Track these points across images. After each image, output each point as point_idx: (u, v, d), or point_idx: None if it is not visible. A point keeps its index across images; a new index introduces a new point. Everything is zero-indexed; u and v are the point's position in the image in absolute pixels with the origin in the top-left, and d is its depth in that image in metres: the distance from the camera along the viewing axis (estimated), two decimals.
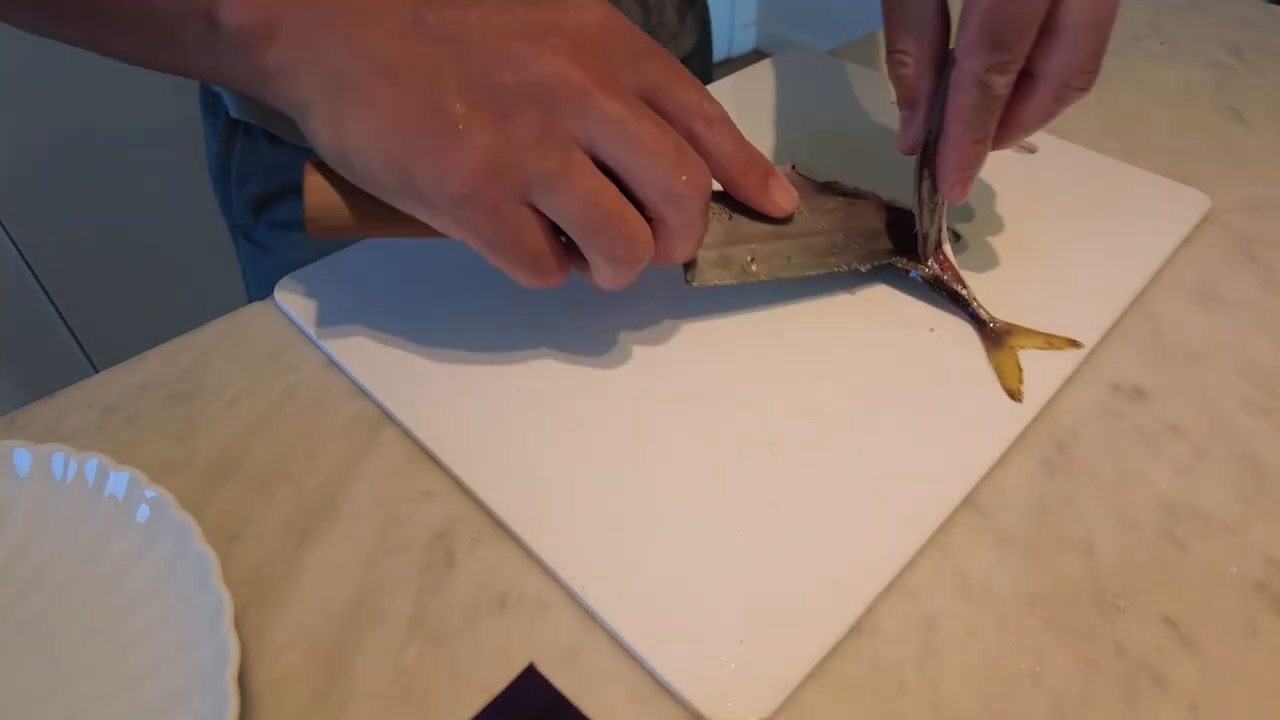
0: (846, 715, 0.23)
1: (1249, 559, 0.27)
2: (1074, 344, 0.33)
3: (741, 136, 0.30)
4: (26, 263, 1.07)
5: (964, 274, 0.35)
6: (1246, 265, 0.39)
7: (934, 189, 0.34)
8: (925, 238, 0.35)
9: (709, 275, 0.32)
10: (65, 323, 1.14)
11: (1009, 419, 0.30)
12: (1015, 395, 0.31)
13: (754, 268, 0.33)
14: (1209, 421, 0.31)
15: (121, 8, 0.28)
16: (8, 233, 1.03)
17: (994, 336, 0.33)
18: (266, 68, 0.26)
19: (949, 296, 0.35)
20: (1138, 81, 0.53)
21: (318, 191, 0.29)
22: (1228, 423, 0.31)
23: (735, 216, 0.32)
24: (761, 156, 0.31)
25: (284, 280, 0.37)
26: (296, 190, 0.52)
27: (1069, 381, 0.32)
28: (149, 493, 0.26)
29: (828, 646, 0.24)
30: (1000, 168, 0.41)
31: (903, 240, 0.36)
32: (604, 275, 0.28)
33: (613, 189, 0.27)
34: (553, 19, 0.27)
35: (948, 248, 0.36)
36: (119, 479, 0.27)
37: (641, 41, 0.28)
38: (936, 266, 0.35)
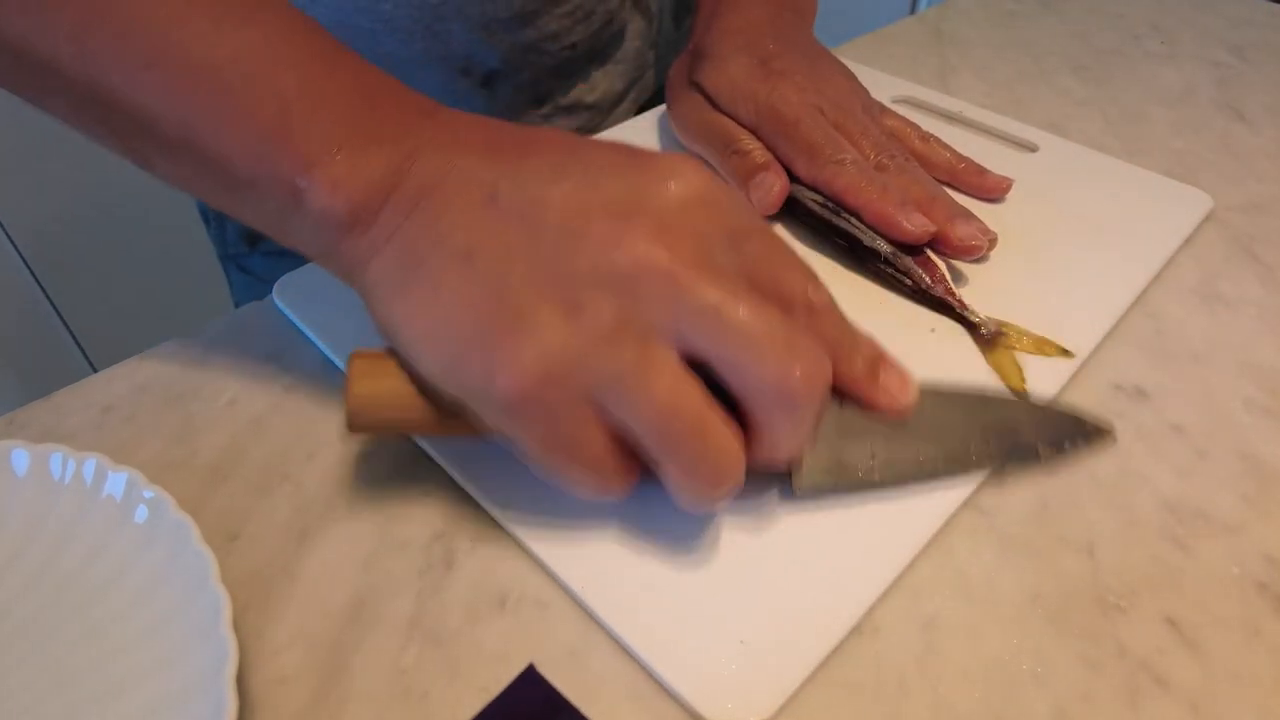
0: (847, 716, 0.23)
1: (1251, 559, 0.27)
2: (1065, 353, 0.33)
3: (847, 323, 0.26)
4: (25, 263, 1.07)
5: (951, 277, 0.35)
6: (1248, 265, 0.38)
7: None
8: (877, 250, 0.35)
9: (819, 478, 0.27)
10: (64, 322, 1.14)
11: None
12: (1021, 396, 0.31)
13: (875, 473, 0.27)
14: (1211, 421, 0.31)
15: (188, 144, 0.24)
16: (6, 233, 1.03)
17: (986, 339, 0.33)
18: (342, 252, 0.25)
19: (935, 304, 0.35)
20: (1139, 81, 0.53)
21: (362, 384, 0.25)
22: (1229, 423, 0.31)
23: (846, 405, 0.27)
24: (871, 342, 0.27)
25: (283, 280, 0.37)
26: None
27: (1071, 382, 0.32)
28: (147, 493, 0.26)
29: (829, 647, 0.24)
30: (1001, 167, 0.41)
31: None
32: (684, 495, 0.24)
33: (699, 393, 0.23)
34: (644, 194, 0.23)
35: (932, 254, 0.36)
36: (117, 479, 0.27)
37: (745, 218, 0.25)
38: (924, 274, 0.35)
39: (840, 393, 0.26)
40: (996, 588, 0.26)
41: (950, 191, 0.39)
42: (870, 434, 0.27)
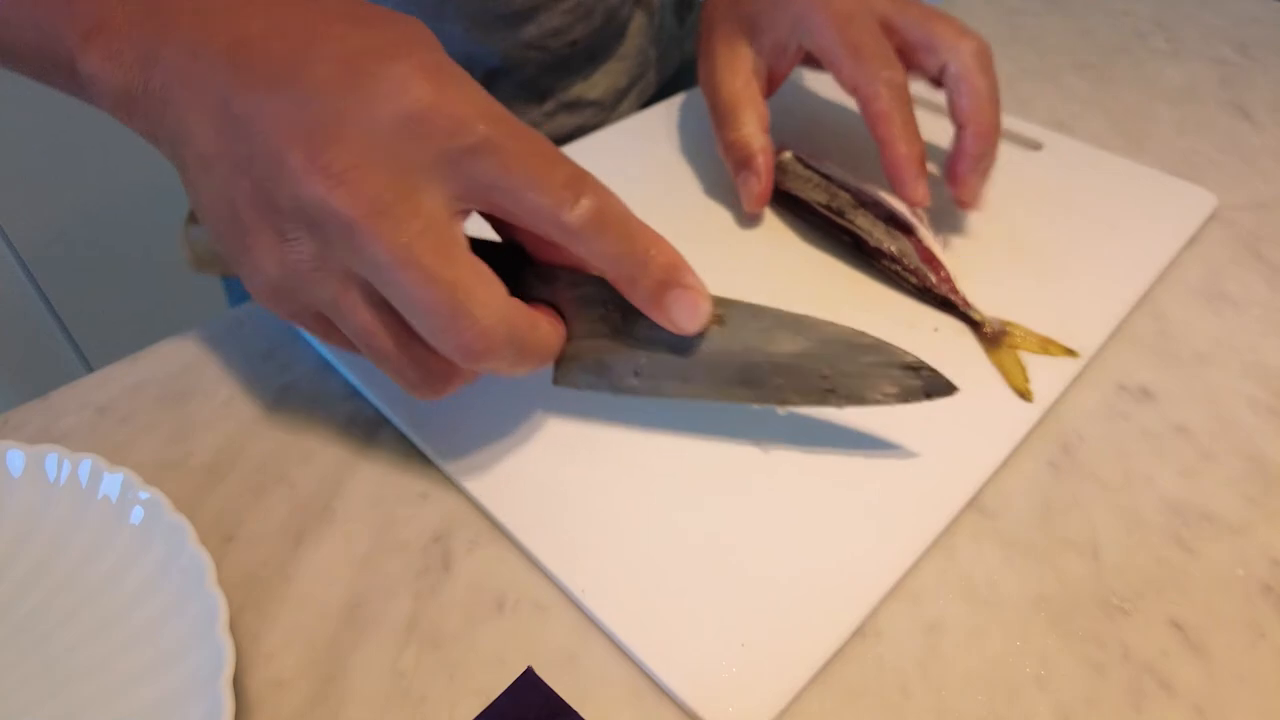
0: (849, 719, 0.23)
1: (1255, 561, 0.27)
2: (1070, 352, 0.32)
3: (624, 235, 0.25)
4: (21, 262, 1.06)
5: (955, 275, 0.35)
6: (1253, 264, 0.38)
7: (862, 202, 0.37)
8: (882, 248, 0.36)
9: (578, 378, 0.27)
10: (60, 322, 1.14)
11: (1014, 420, 0.30)
12: (1025, 395, 0.31)
13: (635, 381, 0.27)
14: (1215, 422, 0.31)
15: None
16: (2, 233, 1.03)
17: (989, 338, 0.33)
18: (136, 129, 0.26)
19: (939, 302, 0.34)
20: (1143, 79, 0.53)
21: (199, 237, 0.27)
22: (1234, 423, 0.31)
23: (631, 317, 0.26)
24: (653, 264, 0.25)
25: None
26: None
27: (1074, 382, 0.32)
28: (143, 494, 0.26)
29: (831, 650, 0.24)
30: (1005, 166, 0.41)
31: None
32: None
33: (390, 328, 0.24)
34: (349, 118, 0.23)
35: (936, 249, 0.35)
36: (113, 480, 0.26)
37: (471, 133, 0.23)
38: (929, 273, 0.35)
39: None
40: (999, 590, 0.26)
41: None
42: (646, 346, 0.27)
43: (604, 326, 0.27)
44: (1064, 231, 0.38)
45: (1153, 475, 0.29)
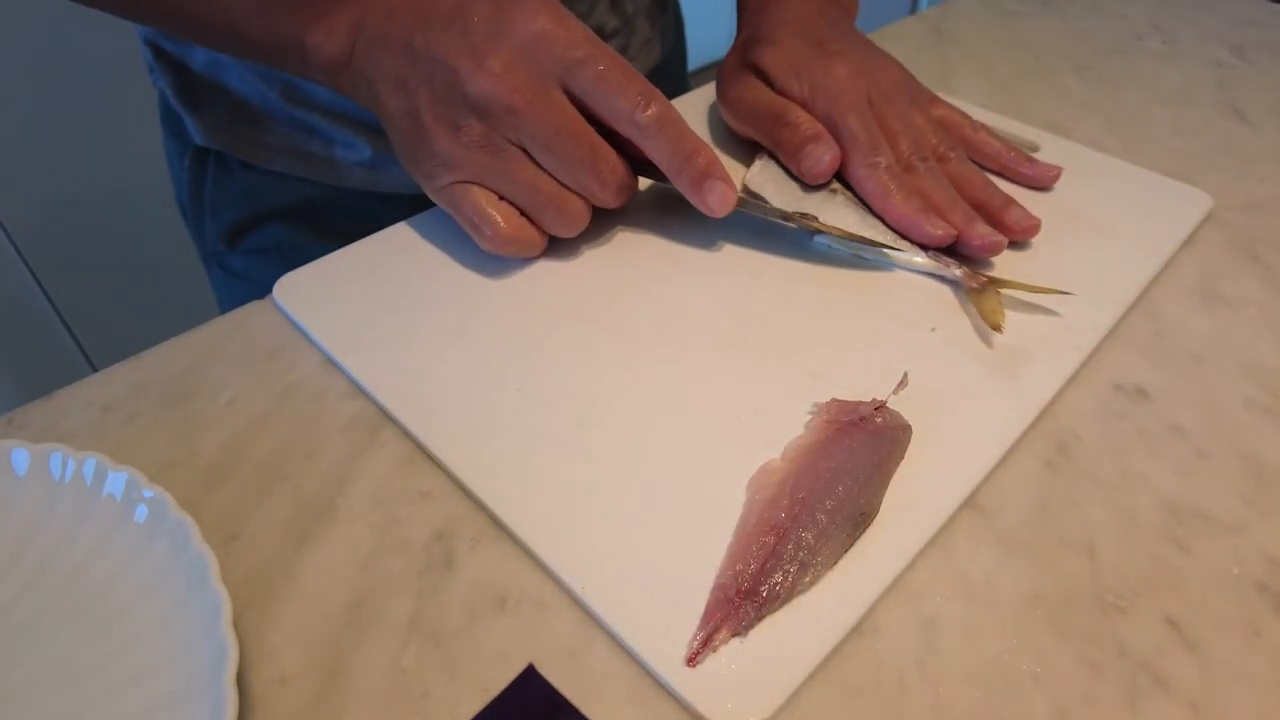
0: (847, 716, 0.23)
1: (1251, 560, 0.27)
2: (1062, 292, 0.34)
3: (679, 136, 0.34)
4: (25, 262, 1.07)
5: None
6: (1249, 265, 0.38)
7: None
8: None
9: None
10: (64, 322, 1.14)
11: (1010, 419, 0.30)
12: (997, 328, 0.33)
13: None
14: (1211, 422, 0.31)
15: (224, 32, 0.37)
16: (6, 232, 1.03)
17: (976, 291, 0.35)
18: (339, 84, 0.37)
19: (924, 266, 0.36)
20: (1140, 80, 0.53)
21: None
22: (1230, 423, 0.31)
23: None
24: (698, 158, 0.35)
25: (283, 279, 0.37)
26: (276, 215, 0.52)
27: (1071, 381, 0.32)
28: (147, 493, 0.26)
29: (829, 647, 0.24)
30: None
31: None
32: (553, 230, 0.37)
33: (542, 175, 0.34)
34: (500, 33, 0.33)
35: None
36: (117, 479, 0.27)
37: (579, 50, 0.33)
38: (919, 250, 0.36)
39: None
40: (996, 588, 0.26)
41: (1000, 181, 0.41)
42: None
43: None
44: (1060, 232, 0.39)
45: (1149, 474, 0.29)
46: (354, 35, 0.35)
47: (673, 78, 0.61)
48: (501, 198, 0.35)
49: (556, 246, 0.38)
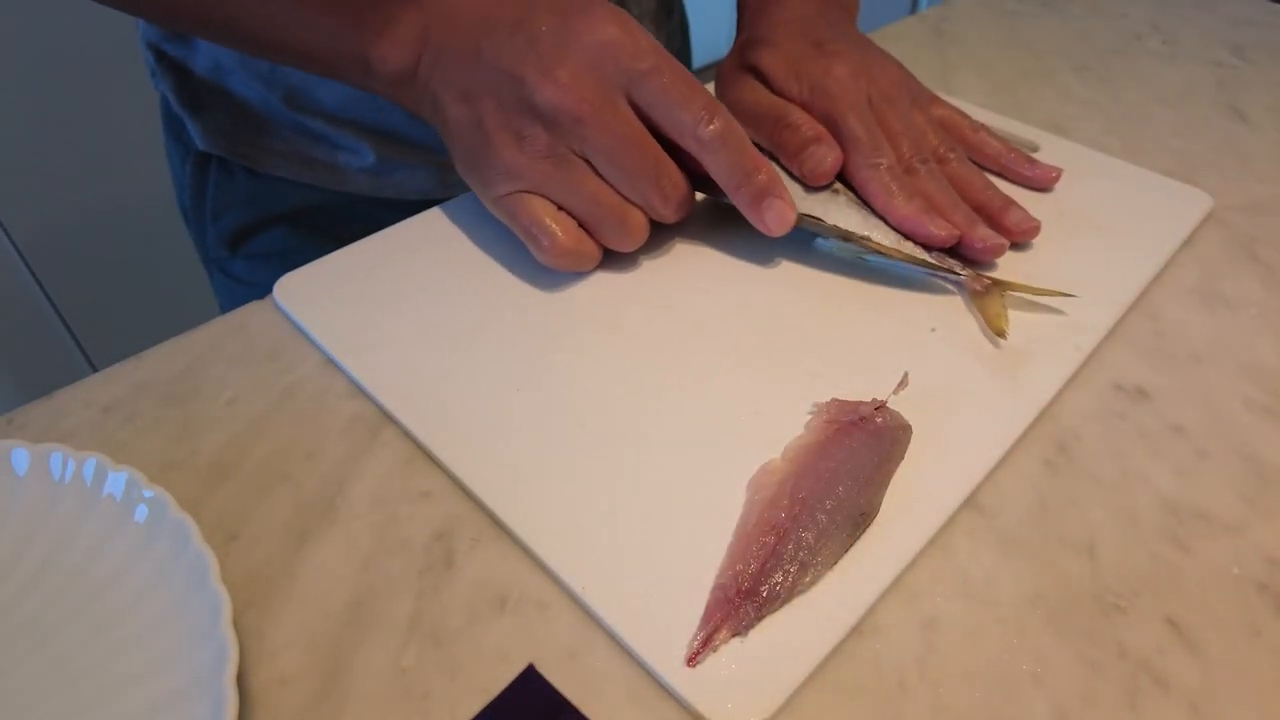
0: (847, 716, 0.23)
1: (1251, 560, 0.27)
2: (1065, 294, 0.34)
3: (740, 152, 0.34)
4: (25, 262, 1.07)
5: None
6: (1249, 265, 0.38)
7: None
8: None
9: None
10: (64, 322, 1.14)
11: (1011, 419, 0.30)
12: (1001, 333, 0.33)
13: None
14: (1211, 422, 0.31)
15: (277, 45, 0.37)
16: (6, 232, 1.03)
17: (980, 292, 0.35)
18: (400, 97, 0.37)
19: (928, 267, 0.36)
20: (1140, 80, 0.53)
21: None
22: (1230, 423, 0.31)
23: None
24: (759, 175, 0.34)
25: (283, 279, 0.37)
26: (278, 220, 0.52)
27: (1071, 381, 0.32)
28: (147, 493, 0.26)
29: (829, 647, 0.24)
30: None
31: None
32: (620, 241, 0.36)
33: (605, 187, 0.34)
34: (567, 43, 0.33)
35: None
36: (117, 479, 0.27)
37: (645, 62, 0.33)
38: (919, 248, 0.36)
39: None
40: (996, 588, 0.26)
41: (1000, 182, 0.41)
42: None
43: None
44: (1060, 232, 0.39)
45: (1149, 474, 0.29)
46: (420, 48, 0.35)
47: None
48: (560, 209, 0.35)
49: None
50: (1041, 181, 0.41)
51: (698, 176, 0.36)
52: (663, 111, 0.33)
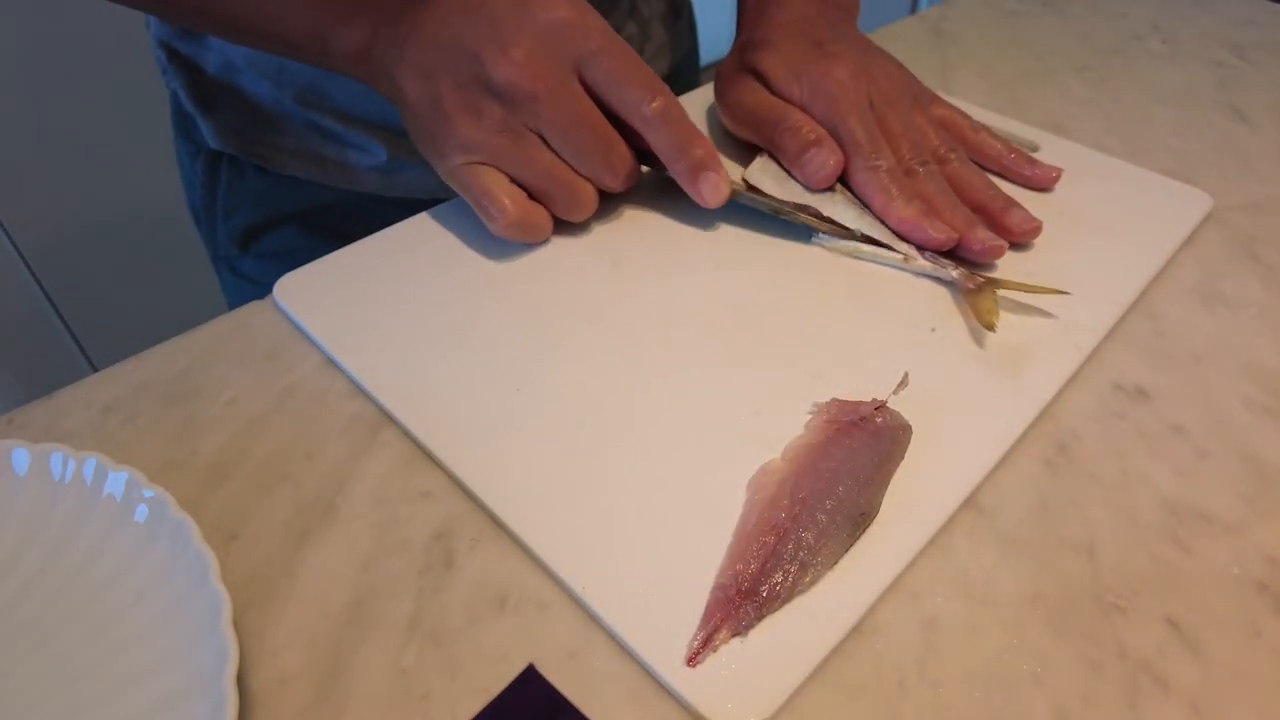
0: (847, 716, 0.23)
1: (1251, 559, 0.27)
2: (1059, 291, 0.34)
3: (679, 129, 0.36)
4: (25, 262, 1.07)
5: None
6: (1249, 265, 0.38)
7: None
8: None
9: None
10: (64, 322, 1.14)
11: (1011, 419, 0.30)
12: (990, 327, 0.33)
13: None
14: (1211, 422, 0.31)
15: (256, 29, 0.39)
16: (6, 232, 1.03)
17: (973, 290, 0.35)
18: (359, 75, 0.39)
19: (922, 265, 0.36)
20: (1140, 80, 0.53)
21: None
22: (1230, 423, 0.31)
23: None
24: (695, 150, 0.36)
25: (283, 279, 0.37)
26: (288, 219, 0.52)
27: (1071, 381, 0.32)
28: (147, 493, 0.26)
29: (829, 647, 0.24)
30: None
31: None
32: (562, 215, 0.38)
33: (557, 161, 0.36)
34: (523, 23, 0.34)
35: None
36: (117, 479, 0.27)
37: (595, 42, 0.35)
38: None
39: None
40: (996, 588, 0.26)
41: (1001, 182, 0.41)
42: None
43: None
44: (1060, 232, 0.39)
45: (1149, 474, 0.29)
46: (375, 26, 0.37)
47: (686, 82, 0.61)
48: (512, 181, 0.36)
49: (558, 248, 0.38)
50: (1042, 182, 0.41)
51: (644, 152, 0.37)
52: (611, 89, 0.35)
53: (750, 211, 0.39)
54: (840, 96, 0.39)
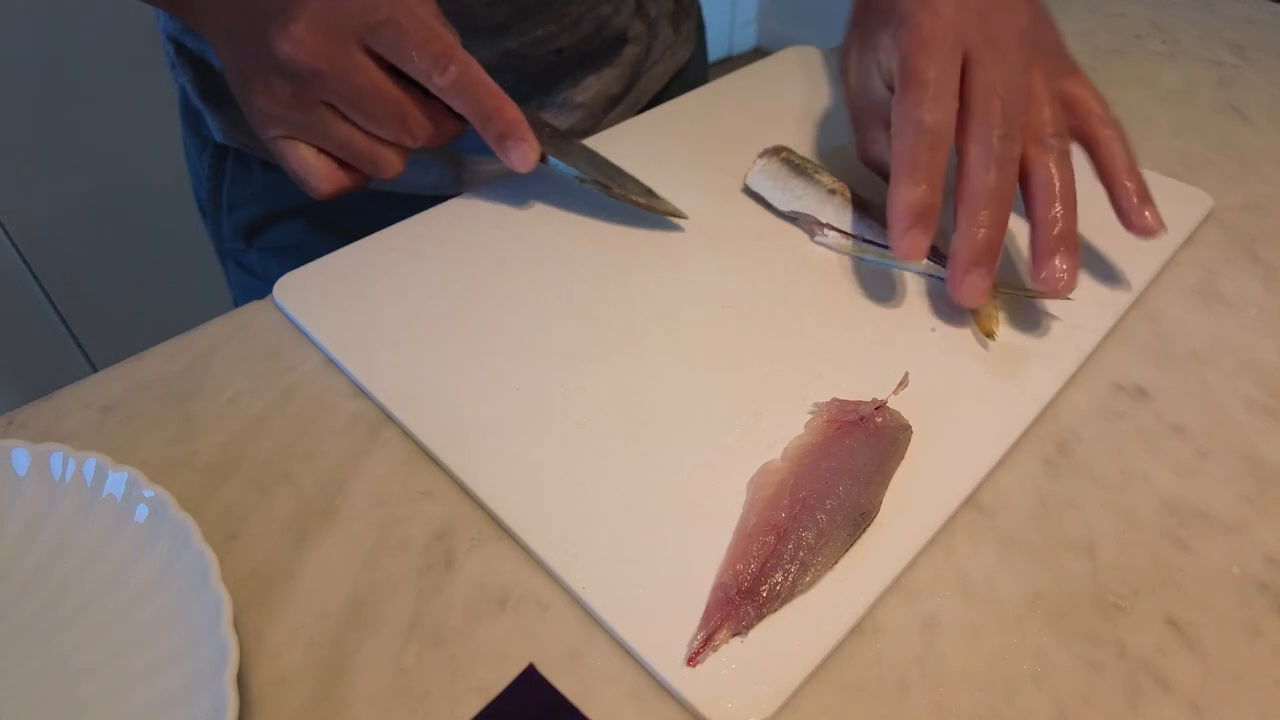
0: (848, 716, 0.23)
1: (1251, 559, 0.27)
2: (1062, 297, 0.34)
3: (479, 97, 0.35)
4: (25, 261, 1.07)
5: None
6: (1249, 265, 0.38)
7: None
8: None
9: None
10: (64, 322, 1.14)
11: (1010, 419, 0.30)
12: (990, 335, 0.33)
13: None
14: (1211, 421, 0.31)
15: None
16: (6, 232, 1.03)
17: None
18: (208, 38, 0.38)
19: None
20: (1140, 80, 0.53)
21: None
22: (1230, 423, 0.31)
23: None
24: (499, 118, 0.36)
25: (283, 279, 0.37)
26: (293, 213, 0.52)
27: (1071, 381, 0.32)
28: (148, 492, 0.26)
29: (829, 646, 0.24)
30: None
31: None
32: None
33: (356, 132, 0.36)
34: (303, 3, 0.33)
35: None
36: (118, 479, 0.27)
37: (379, 14, 0.34)
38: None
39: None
40: (997, 587, 0.26)
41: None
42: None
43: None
44: None
45: (1149, 474, 0.29)
46: None
47: (694, 81, 0.61)
48: (321, 151, 0.36)
49: (558, 248, 0.38)
50: (1144, 230, 0.33)
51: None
52: (400, 60, 0.34)
53: (736, 200, 0.39)
54: (927, 25, 0.32)
